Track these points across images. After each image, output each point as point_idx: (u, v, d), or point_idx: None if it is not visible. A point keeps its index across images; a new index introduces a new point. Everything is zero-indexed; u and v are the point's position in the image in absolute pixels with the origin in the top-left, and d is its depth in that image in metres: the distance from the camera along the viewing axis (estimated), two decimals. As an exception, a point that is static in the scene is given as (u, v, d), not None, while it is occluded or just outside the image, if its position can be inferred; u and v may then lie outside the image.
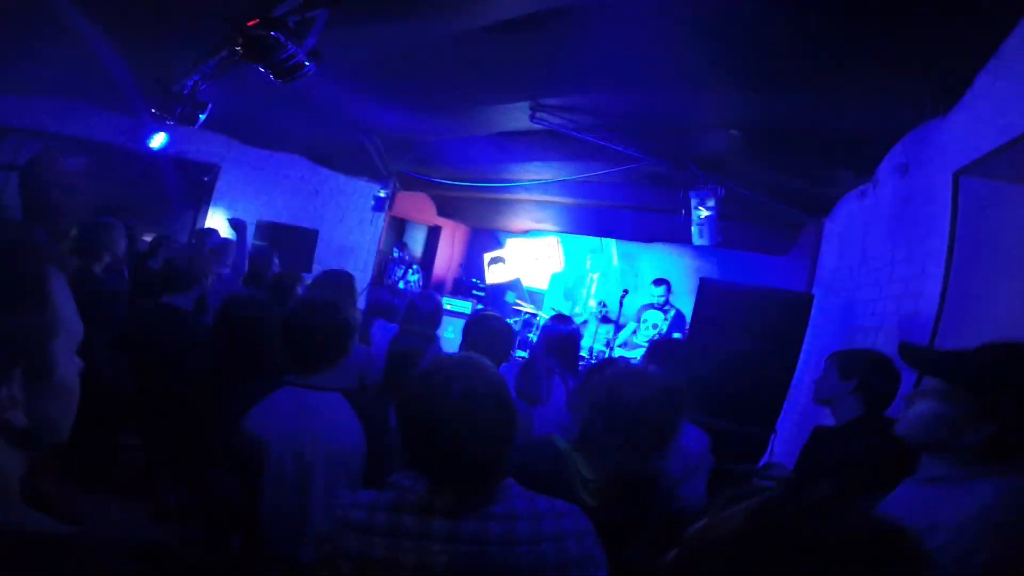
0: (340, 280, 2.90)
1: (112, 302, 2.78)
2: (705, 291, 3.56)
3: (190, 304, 2.45)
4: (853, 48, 2.03)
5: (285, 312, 1.90)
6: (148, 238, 4.42)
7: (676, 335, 5.13)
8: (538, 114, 3.46)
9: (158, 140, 3.94)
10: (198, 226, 5.48)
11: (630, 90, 2.91)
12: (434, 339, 2.38)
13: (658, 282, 5.38)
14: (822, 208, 4.09)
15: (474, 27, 2.37)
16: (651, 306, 5.39)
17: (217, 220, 5.64)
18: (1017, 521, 0.99)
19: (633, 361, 5.14)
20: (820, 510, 0.55)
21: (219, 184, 5.70)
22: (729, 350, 3.19)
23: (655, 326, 5.28)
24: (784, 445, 3.24)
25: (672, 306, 5.35)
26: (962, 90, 2.08)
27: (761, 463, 3.01)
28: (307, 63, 2.28)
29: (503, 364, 2.42)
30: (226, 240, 4.51)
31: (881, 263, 2.78)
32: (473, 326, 2.35)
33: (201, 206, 5.61)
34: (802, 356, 3.23)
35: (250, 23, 2.06)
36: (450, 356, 1.21)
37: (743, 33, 2.10)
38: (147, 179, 4.84)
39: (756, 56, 2.27)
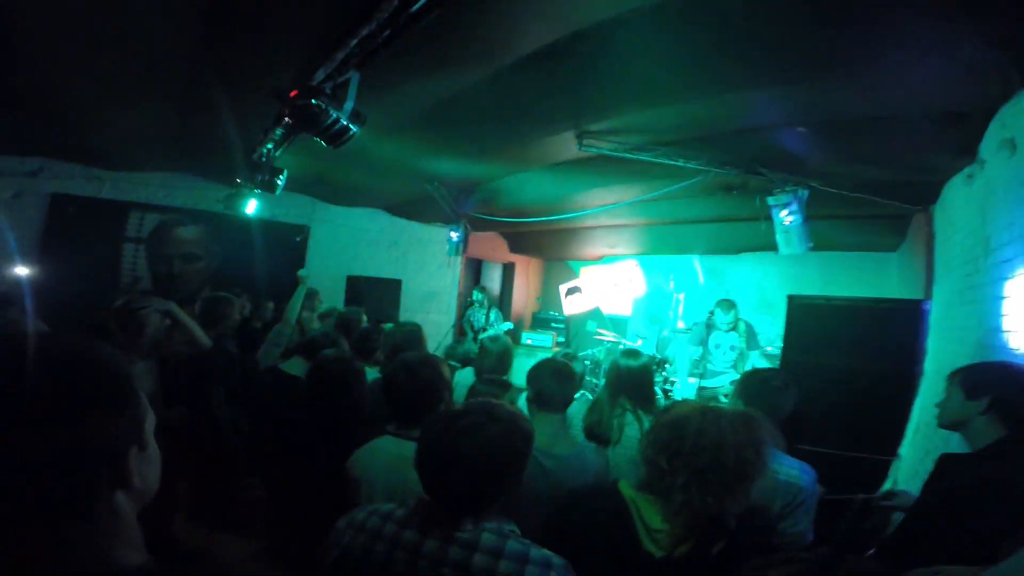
0: (410, 332, 3.09)
1: (228, 364, 3.19)
2: (796, 309, 3.23)
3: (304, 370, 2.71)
4: (911, 19, 1.76)
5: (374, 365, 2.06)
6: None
7: (755, 352, 4.59)
8: (585, 141, 3.41)
9: (251, 206, 4.43)
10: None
11: (673, 102, 2.77)
12: (508, 385, 2.43)
13: (724, 303, 4.69)
14: (927, 196, 3.53)
15: (502, 67, 2.42)
16: (715, 328, 4.76)
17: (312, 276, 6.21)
18: None
19: (719, 390, 4.68)
20: None
21: (310, 242, 6.26)
22: (832, 370, 2.84)
23: (731, 347, 4.73)
24: (913, 472, 2.74)
25: (740, 320, 4.69)
26: None
27: (881, 491, 2.58)
28: (351, 126, 2.44)
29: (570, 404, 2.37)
30: (331, 310, 4.94)
31: (1012, 252, 2.29)
32: (534, 373, 2.33)
33: (297, 264, 6.18)
34: (927, 369, 2.75)
35: (292, 94, 2.27)
36: (473, 401, 1.27)
37: (780, 26, 1.91)
38: (247, 244, 5.43)
39: (797, 47, 2.06)
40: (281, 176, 3.76)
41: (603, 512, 1.30)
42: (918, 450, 2.83)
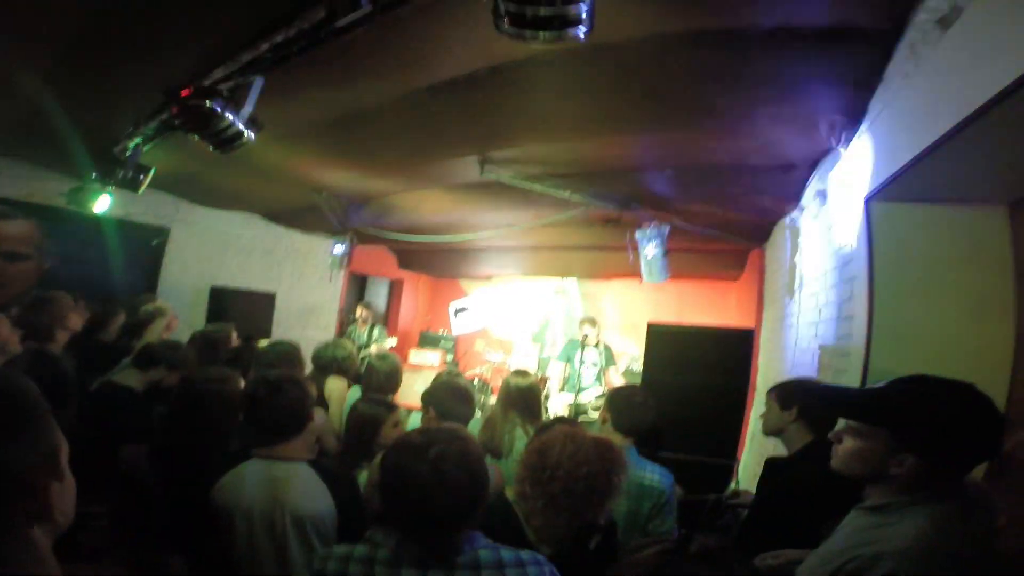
0: (286, 352, 2.92)
1: (72, 383, 2.69)
2: (653, 335, 3.74)
3: (139, 384, 2.55)
4: (754, 82, 2.20)
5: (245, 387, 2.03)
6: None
7: (609, 369, 5.11)
8: (487, 167, 3.59)
9: (102, 204, 3.82)
10: (155, 292, 5.27)
11: (570, 138, 3.07)
12: (394, 407, 2.42)
13: (587, 321, 5.22)
14: (762, 234, 4.32)
15: (418, 87, 2.48)
16: (583, 345, 5.18)
17: (169, 285, 5.48)
18: (952, 546, 1.03)
19: (588, 405, 5.10)
20: (706, 560, 0.64)
21: (169, 247, 5.54)
22: (684, 387, 3.35)
23: (595, 363, 5.16)
24: (750, 473, 3.29)
25: (601, 341, 5.23)
26: (859, 118, 2.26)
27: (727, 491, 3.06)
28: (245, 132, 2.31)
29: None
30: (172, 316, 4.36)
31: (818, 287, 2.93)
32: (438, 391, 2.48)
33: (151, 272, 5.42)
34: (762, 385, 3.35)
35: (184, 92, 2.09)
36: (430, 427, 1.39)
37: (656, 79, 2.27)
38: (93, 245, 4.65)
39: (671, 99, 2.44)
40: (147, 174, 3.34)
41: (496, 516, 1.45)
42: (754, 454, 3.41)
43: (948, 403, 1.10)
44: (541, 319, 7.39)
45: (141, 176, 3.30)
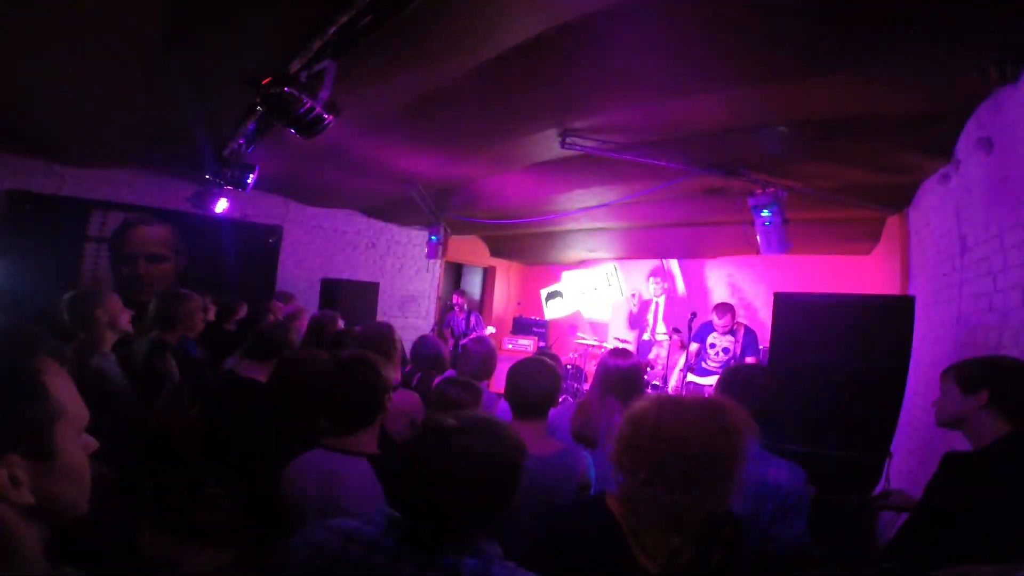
0: (378, 333, 2.85)
1: (192, 370, 2.99)
2: (782, 307, 3.20)
3: (264, 375, 2.51)
4: (887, 17, 1.76)
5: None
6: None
7: (749, 359, 4.72)
8: (568, 139, 3.37)
9: (221, 205, 4.25)
10: (275, 287, 5.85)
11: (658, 99, 2.75)
12: (478, 390, 2.29)
13: (721, 308, 4.92)
14: (903, 198, 3.60)
15: (486, 59, 2.35)
16: (713, 330, 4.98)
17: (284, 278, 6.03)
18: None
19: (705, 386, 4.75)
20: None
21: (284, 245, 6.08)
22: (820, 368, 2.81)
23: (724, 350, 4.85)
24: (902, 469, 2.75)
25: (740, 324, 4.94)
26: None
27: (877, 491, 2.57)
28: (325, 116, 2.35)
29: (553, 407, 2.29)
30: (299, 308, 4.74)
31: (989, 250, 2.33)
32: (514, 372, 2.20)
33: (269, 266, 5.99)
34: (917, 368, 2.77)
35: (264, 81, 2.17)
36: (469, 413, 1.13)
37: (764, 20, 1.90)
38: (217, 245, 5.22)
39: (784, 46, 2.05)
40: (251, 172, 3.62)
41: (592, 529, 1.20)
42: (905, 448, 2.85)
43: None
44: (639, 302, 6.98)
45: (246, 174, 3.58)
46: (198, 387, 2.95)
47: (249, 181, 3.62)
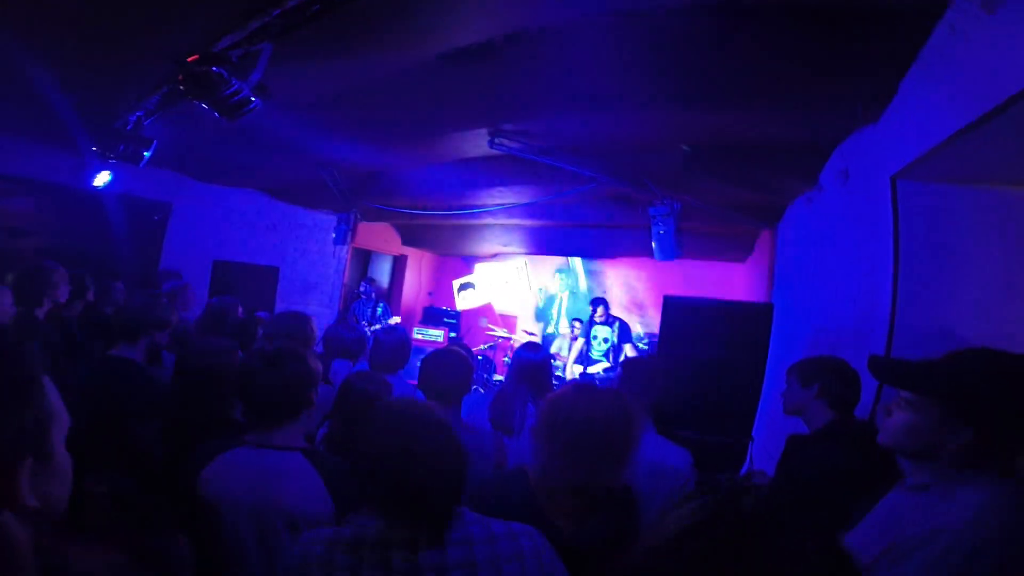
0: (296, 323, 2.73)
1: (61, 352, 2.64)
2: (670, 308, 3.65)
3: (139, 355, 2.31)
4: (781, 59, 2.13)
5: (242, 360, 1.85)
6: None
7: (627, 346, 5.40)
8: (497, 139, 3.50)
9: (102, 178, 3.75)
10: (159, 267, 5.26)
11: (584, 112, 2.98)
12: (388, 385, 2.32)
13: (595, 302, 5.64)
14: (774, 215, 4.26)
15: (429, 56, 2.39)
16: (594, 323, 5.63)
17: (171, 260, 5.44)
18: (1015, 522, 0.99)
19: (598, 377, 5.23)
20: (761, 521, 0.54)
21: (171, 222, 5.48)
22: (699, 362, 3.26)
23: (605, 339, 5.48)
24: (762, 452, 3.29)
25: (615, 318, 5.64)
26: (890, 95, 2.20)
27: (743, 471, 3.05)
28: (253, 98, 2.23)
29: (467, 395, 2.40)
30: (183, 284, 4.31)
31: (834, 265, 2.89)
32: (428, 362, 2.29)
33: (154, 246, 5.38)
34: (772, 363, 3.31)
35: (191, 58, 2.01)
36: (399, 399, 1.25)
37: (683, 52, 2.19)
38: (94, 220, 4.60)
39: (696, 74, 2.36)
40: (149, 147, 3.26)
41: (514, 494, 1.39)
42: (765, 433, 3.40)
43: (1013, 375, 1.06)
44: (545, 297, 7.36)
45: (143, 150, 3.22)
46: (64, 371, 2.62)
47: (145, 155, 3.25)
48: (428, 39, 2.23)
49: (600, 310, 5.53)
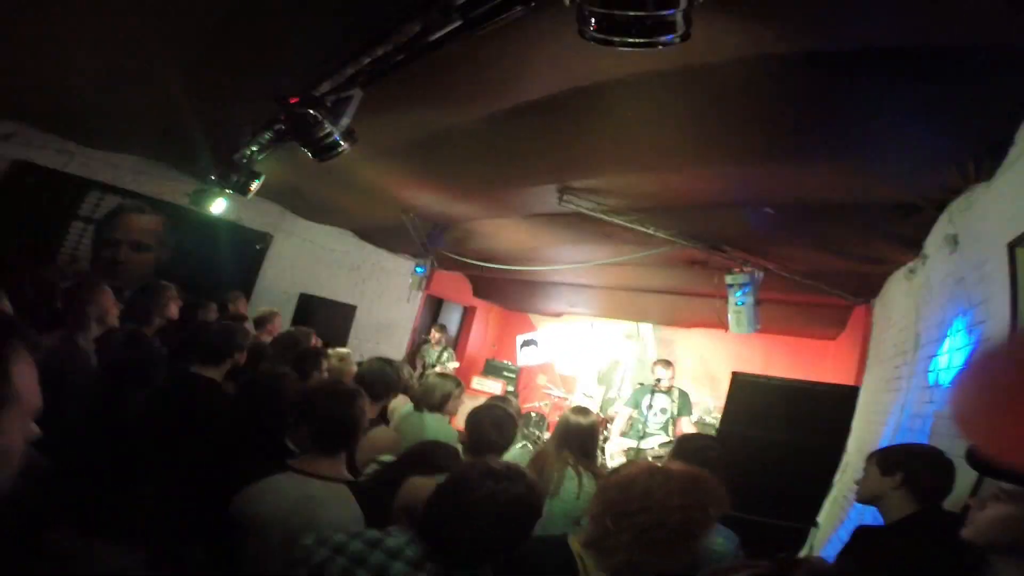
0: (380, 374, 2.81)
1: (157, 364, 2.89)
2: (737, 384, 3.43)
3: (220, 376, 2.46)
4: (876, 109, 1.98)
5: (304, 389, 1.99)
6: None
7: (686, 419, 4.85)
8: (565, 196, 3.55)
9: (219, 205, 4.30)
10: (252, 292, 5.77)
11: (654, 170, 2.96)
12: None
13: (663, 363, 5.00)
14: (870, 289, 3.86)
15: (501, 110, 2.52)
16: (652, 390, 4.98)
17: (264, 287, 5.95)
18: None
19: (649, 452, 4.77)
20: None
21: (270, 252, 6.03)
22: (762, 442, 3.01)
23: (663, 410, 4.92)
24: (829, 541, 2.86)
25: (675, 387, 5.01)
26: (1006, 150, 1.97)
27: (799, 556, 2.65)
28: (342, 142, 2.46)
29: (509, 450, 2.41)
30: (273, 311, 4.67)
31: (937, 348, 2.52)
32: (473, 415, 2.35)
33: (252, 273, 5.91)
34: (850, 448, 2.94)
35: (292, 100, 2.28)
36: (497, 462, 1.31)
37: (764, 105, 2.12)
38: (205, 244, 5.16)
39: (781, 129, 2.26)
40: (257, 180, 3.69)
41: (552, 560, 1.33)
42: (832, 520, 2.96)
43: None
44: (610, 361, 7.09)
45: (252, 182, 3.64)
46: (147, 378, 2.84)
47: (253, 188, 3.68)
48: (499, 91, 2.36)
49: (666, 374, 4.87)
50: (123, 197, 4.87)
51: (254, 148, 3.28)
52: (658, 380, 4.81)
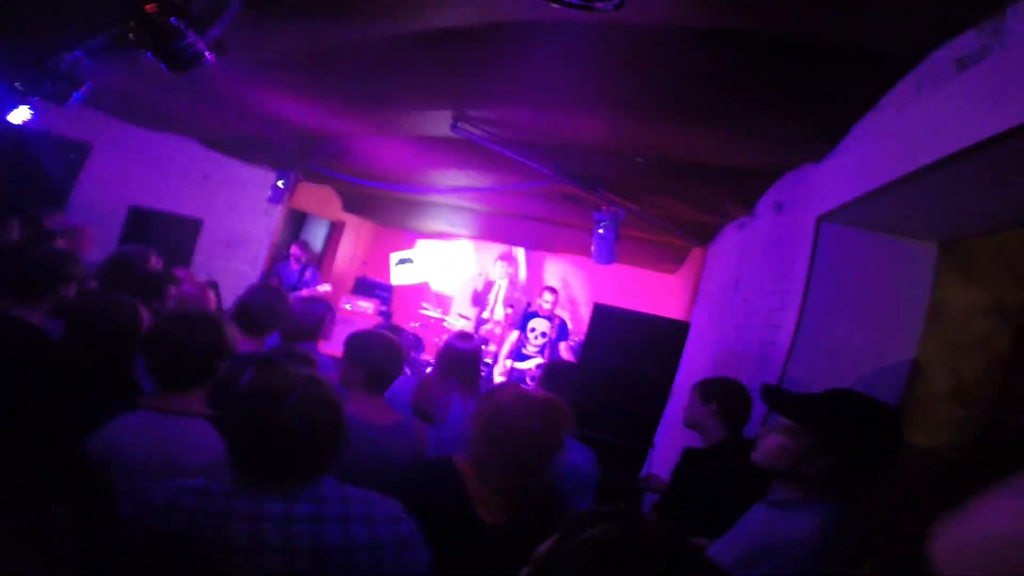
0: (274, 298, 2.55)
1: None
2: (598, 315, 3.86)
3: (38, 318, 1.99)
4: (750, 87, 2.24)
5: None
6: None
7: (561, 343, 5.40)
8: (460, 124, 3.48)
9: (21, 114, 3.38)
10: (64, 208, 4.69)
11: (550, 110, 3.04)
12: (313, 362, 2.20)
13: (550, 289, 5.57)
14: (708, 234, 4.58)
15: (407, 32, 2.32)
16: (535, 314, 5.55)
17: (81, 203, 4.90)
18: (832, 545, 1.23)
19: (527, 372, 5.34)
20: (659, 555, 0.60)
21: (90, 164, 4.94)
22: (615, 370, 3.49)
23: (543, 334, 5.48)
24: (660, 459, 3.58)
25: (555, 315, 5.57)
26: (839, 138, 2.29)
27: (641, 474, 3.32)
28: (207, 54, 2.08)
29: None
30: (75, 225, 3.86)
31: (751, 293, 3.18)
32: (355, 343, 2.15)
33: (66, 186, 4.82)
34: (683, 376, 3.60)
35: (148, 6, 1.84)
36: (287, 371, 1.22)
37: (655, 73, 2.28)
38: (5, 154, 4.06)
39: (664, 94, 2.46)
40: (79, 88, 2.93)
41: (441, 482, 1.45)
42: (666, 441, 3.68)
43: (873, 415, 1.31)
44: (484, 282, 7.41)
45: (73, 90, 2.89)
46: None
47: (73, 97, 2.92)
48: (407, 14, 2.17)
49: (549, 298, 5.36)
50: None
51: (79, 53, 2.57)
52: (542, 305, 5.19)
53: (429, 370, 3.42)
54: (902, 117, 1.84)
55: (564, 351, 5.41)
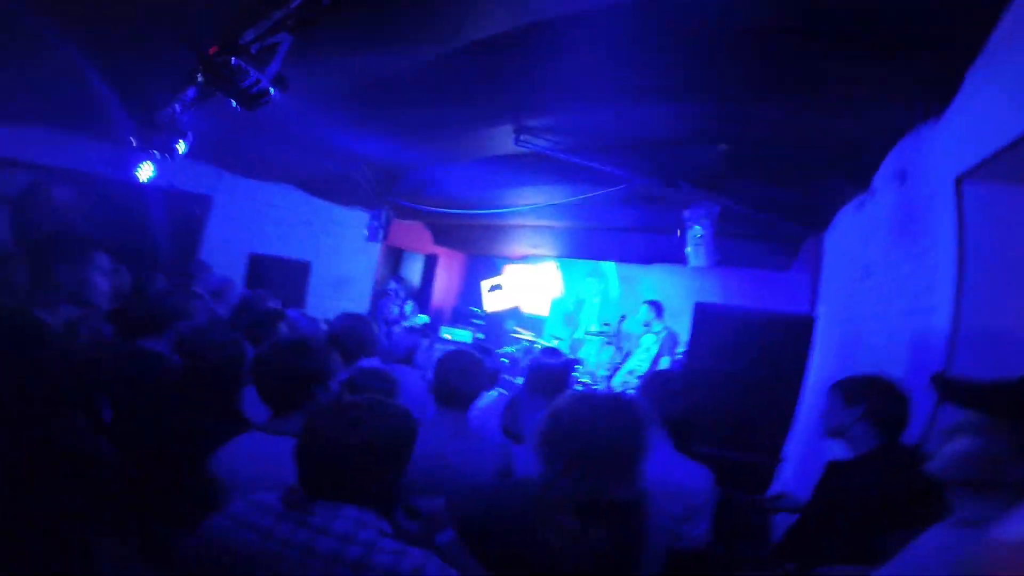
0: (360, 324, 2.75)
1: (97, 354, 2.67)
2: (700, 316, 3.44)
3: (166, 347, 2.35)
4: (832, 54, 1.94)
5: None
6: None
7: (665, 359, 5.02)
8: (522, 136, 3.40)
9: (146, 171, 3.92)
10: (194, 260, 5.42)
11: (611, 107, 2.84)
12: (393, 380, 2.28)
13: (649, 303, 5.28)
14: (821, 221, 3.96)
15: (451, 49, 2.31)
16: (636, 330, 5.32)
17: (209, 252, 5.61)
18: None
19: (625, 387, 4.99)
20: None
21: (211, 216, 5.65)
22: (728, 376, 3.05)
23: (647, 349, 5.13)
24: (792, 473, 3.04)
25: (664, 328, 5.22)
26: (953, 90, 1.97)
27: (769, 493, 2.82)
28: (271, 89, 2.22)
29: (483, 397, 2.34)
30: (225, 279, 4.40)
31: (885, 278, 2.62)
32: (441, 363, 2.20)
33: (193, 240, 5.55)
34: (809, 380, 3.06)
35: (211, 50, 2.02)
36: (366, 397, 1.26)
37: (722, 44, 2.03)
38: (137, 212, 4.77)
39: (735, 67, 2.19)
40: (182, 139, 3.34)
41: (510, 504, 1.34)
42: (798, 454, 3.14)
43: None
44: (575, 301, 7.19)
45: (177, 140, 3.30)
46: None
47: (180, 148, 3.33)
48: (443, 32, 2.16)
49: (647, 312, 5.14)
50: (35, 172, 4.35)
51: (176, 105, 2.95)
52: (641, 320, 5.08)
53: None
54: (1020, 52, 1.52)
55: (664, 365, 4.98)
